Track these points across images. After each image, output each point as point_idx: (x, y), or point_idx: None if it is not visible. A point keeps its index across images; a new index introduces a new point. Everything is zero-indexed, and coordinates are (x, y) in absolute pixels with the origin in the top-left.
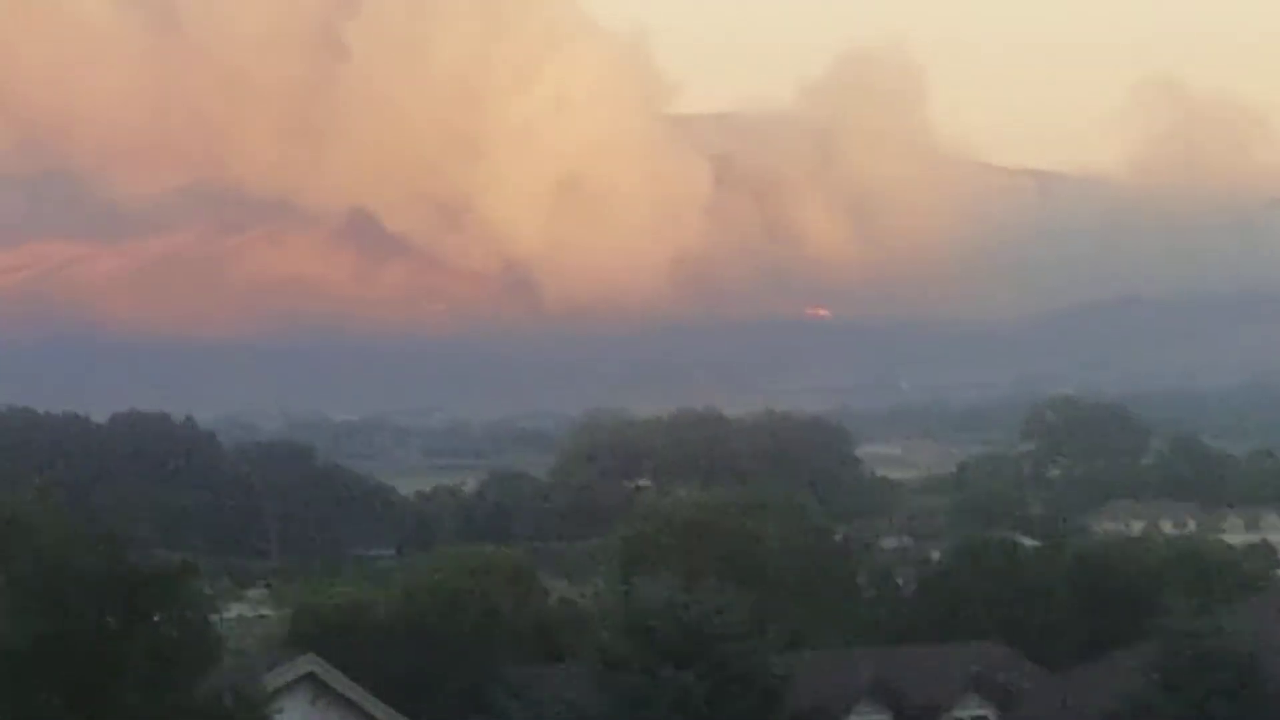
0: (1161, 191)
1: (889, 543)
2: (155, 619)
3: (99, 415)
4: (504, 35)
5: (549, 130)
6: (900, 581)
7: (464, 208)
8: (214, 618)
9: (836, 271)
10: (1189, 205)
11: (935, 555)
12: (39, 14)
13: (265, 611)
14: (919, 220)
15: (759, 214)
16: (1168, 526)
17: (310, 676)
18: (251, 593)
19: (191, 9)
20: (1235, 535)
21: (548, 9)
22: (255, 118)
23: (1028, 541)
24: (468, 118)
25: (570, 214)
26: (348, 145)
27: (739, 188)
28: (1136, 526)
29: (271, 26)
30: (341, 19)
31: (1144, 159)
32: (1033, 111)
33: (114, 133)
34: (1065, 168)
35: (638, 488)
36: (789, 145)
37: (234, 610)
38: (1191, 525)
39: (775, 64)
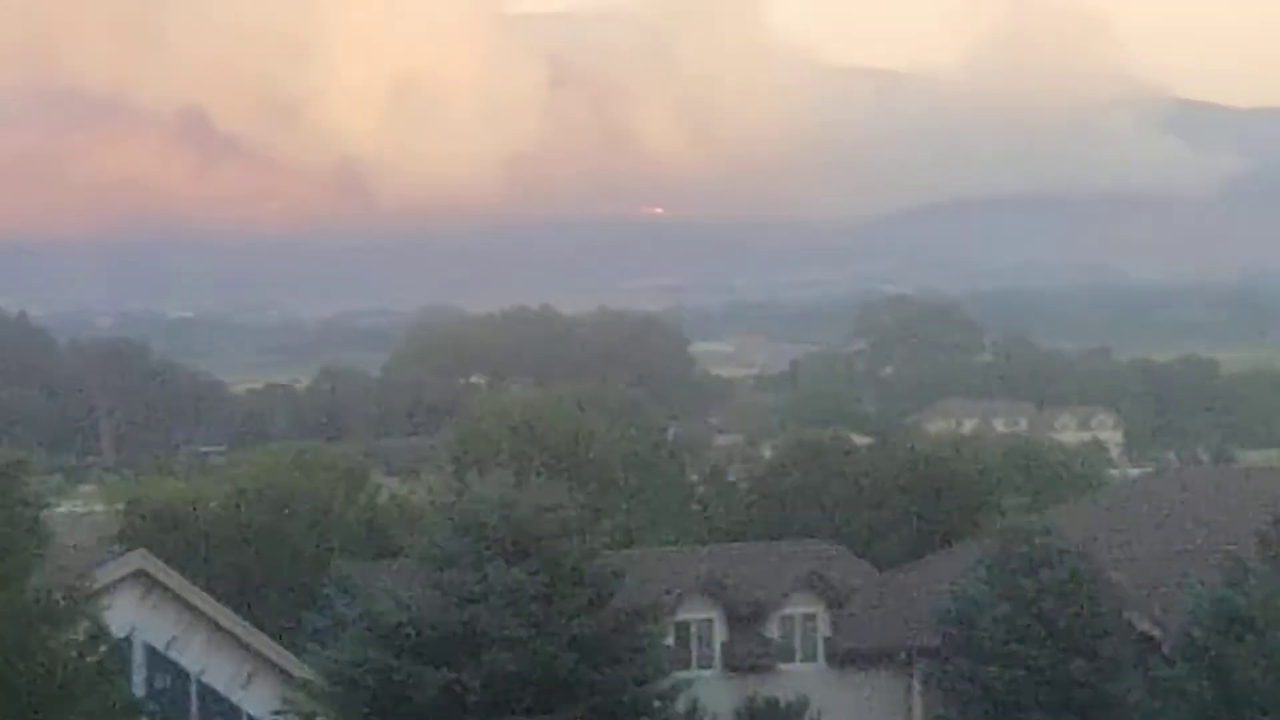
0: (999, 91)
1: (722, 440)
2: None
3: None
4: None
5: (385, 29)
6: (733, 479)
7: (298, 107)
8: (44, 514)
9: (672, 171)
10: (1027, 105)
11: (768, 453)
12: None
13: (96, 507)
14: (756, 120)
15: (596, 113)
16: (1000, 425)
17: (140, 573)
18: (83, 489)
19: None
20: (1068, 434)
21: None
22: (88, 17)
23: (861, 440)
24: (303, 16)
25: (406, 113)
26: (182, 45)
27: (576, 87)
28: (969, 425)
29: None
30: None
31: (983, 59)
32: (871, 11)
33: None
34: (903, 67)
35: (471, 385)
36: (627, 45)
37: (64, 507)
38: (1024, 424)
39: None
